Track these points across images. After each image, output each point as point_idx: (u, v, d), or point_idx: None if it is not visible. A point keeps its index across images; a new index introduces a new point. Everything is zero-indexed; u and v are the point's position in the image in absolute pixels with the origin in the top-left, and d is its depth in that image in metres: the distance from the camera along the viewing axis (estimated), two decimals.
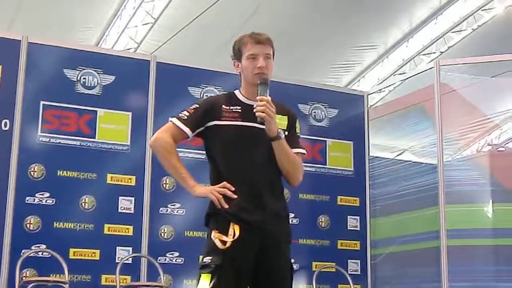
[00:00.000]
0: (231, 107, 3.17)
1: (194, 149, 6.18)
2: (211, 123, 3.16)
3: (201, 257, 3.02)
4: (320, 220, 7.46)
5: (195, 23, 12.26)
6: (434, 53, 14.99)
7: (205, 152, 3.22)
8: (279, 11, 12.47)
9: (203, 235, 3.17)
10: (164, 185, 6.74)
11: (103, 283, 6.37)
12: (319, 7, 12.50)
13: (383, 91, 12.27)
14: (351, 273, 7.38)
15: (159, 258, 6.59)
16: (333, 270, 7.31)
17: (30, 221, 6.22)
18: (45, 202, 6.30)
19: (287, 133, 3.15)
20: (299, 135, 3.30)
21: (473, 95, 7.56)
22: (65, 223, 6.37)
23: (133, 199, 6.62)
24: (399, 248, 7.64)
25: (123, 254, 6.46)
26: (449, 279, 6.70)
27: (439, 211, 6.89)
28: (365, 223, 7.64)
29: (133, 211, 6.60)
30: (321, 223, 7.47)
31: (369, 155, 7.85)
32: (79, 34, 12.64)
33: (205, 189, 3.09)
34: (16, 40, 6.50)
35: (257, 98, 3.07)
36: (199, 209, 4.16)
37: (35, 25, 11.36)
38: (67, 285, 6.01)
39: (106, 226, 6.49)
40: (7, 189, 6.18)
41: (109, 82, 6.76)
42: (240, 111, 3.15)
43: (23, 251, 6.08)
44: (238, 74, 3.26)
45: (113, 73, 6.78)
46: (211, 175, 3.17)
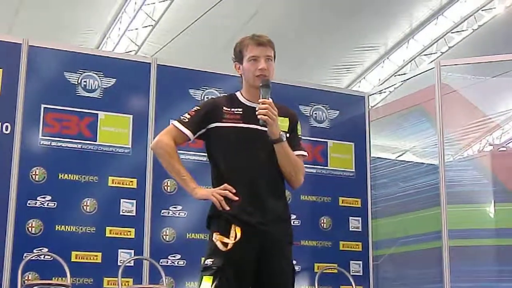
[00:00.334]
0: (233, 109, 3.16)
1: (195, 151, 6.18)
2: (212, 125, 3.15)
3: (203, 259, 3.02)
4: (321, 221, 7.46)
5: (196, 25, 12.27)
6: (434, 53, 14.99)
7: (206, 154, 3.22)
8: (280, 13, 12.48)
9: (205, 237, 3.17)
10: (165, 187, 6.74)
11: (105, 286, 6.37)
12: (319, 8, 12.50)
13: (384, 92, 12.25)
14: (353, 274, 7.37)
15: (161, 260, 6.58)
16: (335, 271, 7.30)
17: (32, 225, 6.22)
18: (47, 205, 6.30)
19: (288, 135, 3.15)
20: (300, 136, 3.30)
21: (474, 95, 7.56)
22: (66, 226, 6.36)
23: (134, 201, 6.62)
24: (401, 248, 7.64)
25: (125, 256, 6.46)
26: (451, 280, 6.70)
27: (441, 211, 6.89)
28: (366, 224, 7.63)
29: (134, 214, 6.59)
30: (322, 225, 7.46)
31: (370, 156, 7.84)
32: (79, 37, 12.65)
33: (207, 191, 3.09)
34: (16, 43, 6.49)
35: (259, 100, 3.06)
36: (200, 211, 4.16)
37: (36, 28, 11.37)
38: None
39: (107, 229, 6.49)
40: (8, 192, 6.18)
41: (110, 85, 6.76)
42: (241, 113, 3.15)
43: (25, 255, 6.07)
44: (239, 76, 3.25)
45: (114, 76, 6.78)
46: (212, 177, 3.17)
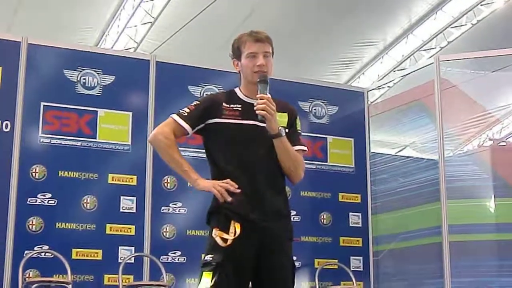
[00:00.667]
0: (232, 105, 3.16)
1: (194, 148, 6.18)
2: (211, 121, 3.15)
3: (203, 255, 3.03)
4: (322, 217, 7.47)
5: (195, 22, 12.26)
6: (434, 48, 14.97)
7: (204, 150, 3.22)
8: (278, 9, 12.47)
9: (205, 234, 3.17)
10: (165, 184, 6.75)
11: (106, 283, 6.38)
12: (318, 4, 12.49)
13: (383, 88, 12.22)
14: (354, 269, 7.38)
15: (161, 257, 6.59)
16: (336, 267, 7.32)
17: (32, 222, 6.23)
18: (47, 203, 6.31)
19: (287, 130, 3.15)
20: (300, 132, 3.29)
21: (474, 90, 7.55)
22: (67, 224, 6.37)
23: (134, 198, 6.63)
24: (401, 244, 7.65)
25: (126, 253, 6.47)
26: (451, 275, 6.70)
27: (441, 206, 6.89)
28: (366, 220, 7.64)
29: (135, 211, 6.60)
30: (323, 220, 7.47)
31: (370, 151, 7.85)
32: (78, 34, 12.64)
33: (209, 183, 3.08)
34: (16, 41, 6.50)
35: (257, 96, 3.06)
36: (200, 208, 4.16)
37: (35, 26, 11.36)
38: (70, 286, 6.03)
39: (108, 226, 6.50)
40: (9, 190, 6.19)
41: (109, 82, 6.76)
42: (240, 109, 3.15)
43: (26, 252, 6.08)
44: (237, 72, 3.25)
45: (113, 73, 6.78)
46: (211, 174, 3.17)
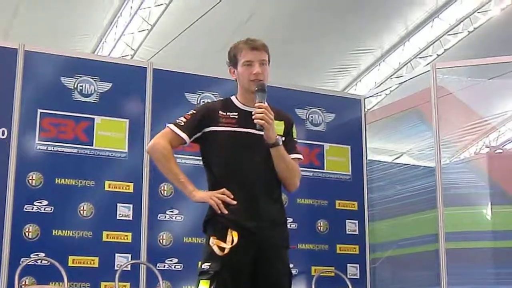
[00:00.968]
0: (228, 113, 3.17)
1: (191, 155, 6.17)
2: (208, 129, 3.16)
3: (200, 263, 3.02)
4: (318, 224, 7.46)
5: (192, 29, 12.27)
6: (430, 56, 15.00)
7: (201, 158, 3.23)
8: (275, 16, 12.49)
9: (201, 242, 3.17)
10: (162, 191, 6.74)
11: None
12: (315, 11, 12.52)
13: (380, 95, 12.29)
14: (350, 277, 7.36)
15: (158, 264, 6.58)
16: (332, 274, 7.30)
17: (28, 230, 6.21)
18: (44, 210, 6.29)
19: (284, 138, 3.16)
20: (296, 140, 3.30)
21: (470, 97, 7.56)
22: (63, 231, 6.35)
23: (131, 206, 6.61)
24: (398, 251, 7.64)
25: (122, 261, 6.44)
26: (448, 282, 6.69)
27: (438, 214, 6.88)
28: (363, 227, 7.63)
29: (131, 218, 6.58)
30: (319, 228, 7.46)
31: (366, 159, 7.84)
32: (75, 41, 12.65)
33: (205, 194, 3.09)
34: (13, 48, 6.48)
35: (256, 105, 3.07)
36: (197, 215, 4.15)
37: (32, 33, 11.37)
38: None
39: (104, 233, 6.48)
40: (5, 197, 6.16)
41: (106, 89, 6.75)
42: (237, 117, 3.16)
43: (22, 260, 6.05)
44: (234, 80, 3.26)
45: (110, 80, 6.77)
46: (208, 182, 3.17)
